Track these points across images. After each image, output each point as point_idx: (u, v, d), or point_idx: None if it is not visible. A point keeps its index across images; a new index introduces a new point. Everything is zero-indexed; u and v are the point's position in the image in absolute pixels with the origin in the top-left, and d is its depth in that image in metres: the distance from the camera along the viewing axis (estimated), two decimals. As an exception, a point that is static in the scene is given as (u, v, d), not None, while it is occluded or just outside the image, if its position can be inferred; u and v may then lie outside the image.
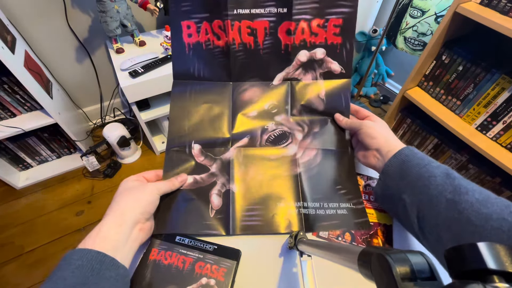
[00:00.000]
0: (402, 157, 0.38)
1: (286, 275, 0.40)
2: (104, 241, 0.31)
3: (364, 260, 0.18)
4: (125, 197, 0.36)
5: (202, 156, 0.45)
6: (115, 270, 0.30)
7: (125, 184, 0.38)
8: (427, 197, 0.33)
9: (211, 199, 0.43)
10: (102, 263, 0.29)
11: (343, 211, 0.44)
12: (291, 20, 0.44)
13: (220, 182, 0.44)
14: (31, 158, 1.27)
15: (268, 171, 0.45)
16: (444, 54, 1.00)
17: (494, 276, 0.12)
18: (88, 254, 0.29)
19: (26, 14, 1.04)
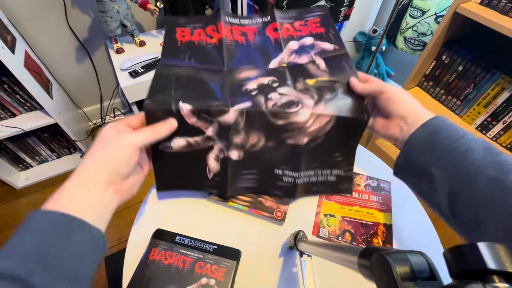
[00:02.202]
0: (433, 127, 0.33)
1: (286, 275, 0.40)
2: (70, 201, 0.27)
3: (364, 260, 0.18)
4: (93, 154, 0.30)
5: (194, 117, 0.38)
6: (85, 234, 0.26)
7: (101, 134, 0.32)
8: (462, 172, 0.29)
9: (209, 163, 0.41)
10: (68, 226, 0.25)
11: (332, 178, 0.46)
12: (275, 22, 0.48)
13: (217, 147, 0.40)
14: (31, 158, 1.27)
15: (272, 138, 0.42)
16: (444, 54, 1.00)
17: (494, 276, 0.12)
18: (51, 216, 0.25)
19: (26, 14, 1.04)
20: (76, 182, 0.28)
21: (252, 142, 0.41)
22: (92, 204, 0.28)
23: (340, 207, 0.48)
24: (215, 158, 0.41)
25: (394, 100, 0.37)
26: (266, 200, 0.47)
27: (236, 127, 0.39)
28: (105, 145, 0.31)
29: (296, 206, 0.48)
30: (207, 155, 0.41)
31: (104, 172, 0.29)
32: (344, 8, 1.28)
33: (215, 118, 0.38)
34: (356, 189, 0.50)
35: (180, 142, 0.39)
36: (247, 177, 0.44)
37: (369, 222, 0.46)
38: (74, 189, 0.28)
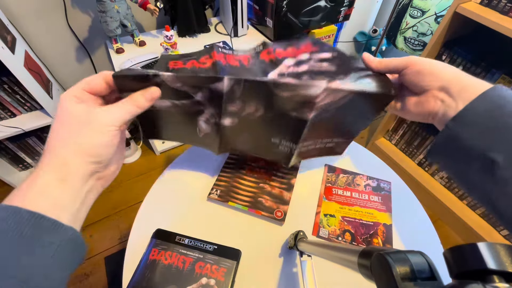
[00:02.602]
0: (495, 98, 0.26)
1: (286, 275, 0.40)
2: (41, 197, 0.22)
3: (364, 260, 0.18)
4: (65, 138, 0.24)
5: (178, 82, 0.31)
6: (58, 235, 0.22)
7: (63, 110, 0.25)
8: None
9: (199, 124, 0.37)
10: (37, 226, 0.21)
11: (331, 144, 0.44)
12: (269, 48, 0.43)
13: (208, 112, 0.36)
14: (31, 158, 1.27)
15: (273, 109, 0.36)
16: (444, 54, 1.00)
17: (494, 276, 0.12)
18: (17, 215, 0.20)
19: (26, 14, 1.04)
20: (48, 174, 0.23)
21: (249, 111, 0.37)
22: (68, 201, 0.24)
23: (340, 207, 0.48)
24: (205, 121, 0.37)
25: (426, 72, 0.30)
26: (266, 200, 0.47)
27: (231, 95, 0.34)
28: (77, 127, 0.25)
29: (296, 206, 0.48)
30: (197, 117, 0.37)
31: (84, 160, 0.24)
32: (344, 8, 1.28)
33: (206, 85, 0.33)
34: (356, 189, 0.50)
35: (164, 102, 0.34)
36: (241, 140, 0.41)
37: (369, 222, 0.46)
38: (47, 183, 0.23)
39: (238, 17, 1.13)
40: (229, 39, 1.19)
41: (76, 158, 0.24)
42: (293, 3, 1.10)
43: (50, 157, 0.24)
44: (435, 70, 0.30)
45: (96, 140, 0.25)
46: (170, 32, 1.04)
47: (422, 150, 1.23)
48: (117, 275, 0.39)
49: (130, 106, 0.28)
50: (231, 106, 0.35)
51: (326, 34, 1.31)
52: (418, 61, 0.31)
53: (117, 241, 1.07)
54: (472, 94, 0.27)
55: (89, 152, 0.25)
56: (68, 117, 0.25)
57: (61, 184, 0.23)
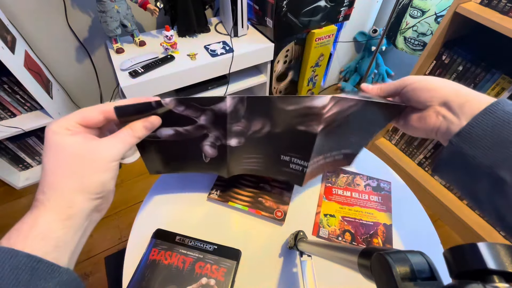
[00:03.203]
0: (499, 114, 0.25)
1: (286, 275, 0.40)
2: (43, 240, 0.22)
3: (364, 260, 0.18)
4: (67, 177, 0.23)
5: (181, 106, 0.30)
6: (53, 279, 0.21)
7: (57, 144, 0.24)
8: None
9: (204, 149, 0.36)
10: (33, 271, 0.20)
11: (339, 157, 0.43)
12: None
13: (213, 135, 0.35)
14: (31, 158, 1.27)
15: (279, 125, 0.35)
16: (444, 54, 1.00)
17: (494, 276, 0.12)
18: (13, 258, 0.20)
19: (26, 14, 1.04)
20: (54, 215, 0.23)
21: (255, 129, 0.35)
22: (70, 239, 0.23)
23: (340, 207, 0.48)
24: (211, 145, 0.36)
25: (424, 88, 0.30)
26: (266, 200, 0.47)
27: (235, 114, 0.33)
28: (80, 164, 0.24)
29: (296, 206, 0.48)
30: (201, 142, 0.35)
31: (89, 199, 0.24)
32: (344, 8, 1.28)
33: (207, 106, 0.31)
34: (356, 189, 0.50)
35: (167, 131, 0.33)
36: (249, 160, 0.39)
37: (369, 222, 0.46)
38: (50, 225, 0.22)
39: (238, 17, 1.13)
40: (229, 39, 1.19)
41: (80, 197, 0.24)
42: (293, 3, 1.10)
43: (53, 196, 0.23)
44: (433, 86, 0.30)
45: (101, 178, 0.25)
46: (170, 32, 1.04)
47: (422, 150, 1.23)
48: (117, 275, 0.39)
49: (130, 138, 0.27)
50: (236, 126, 0.34)
51: (326, 34, 1.31)
52: (415, 79, 0.32)
53: (117, 241, 1.07)
54: (474, 109, 0.27)
55: (94, 190, 0.24)
56: (65, 153, 0.24)
57: (63, 224, 0.23)
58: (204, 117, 0.32)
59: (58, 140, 0.24)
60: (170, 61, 1.07)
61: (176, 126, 0.33)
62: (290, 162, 0.40)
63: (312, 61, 1.42)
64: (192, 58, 1.09)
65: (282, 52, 1.32)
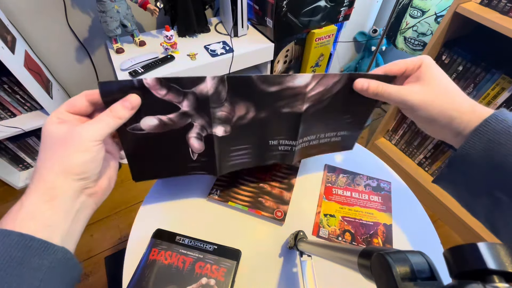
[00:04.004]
0: (490, 134, 0.25)
1: (286, 275, 0.40)
2: (31, 219, 0.22)
3: (364, 260, 0.18)
4: (49, 160, 0.24)
5: (163, 88, 0.29)
6: (48, 257, 0.22)
7: (49, 132, 0.25)
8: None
9: (190, 143, 0.35)
10: (26, 248, 0.21)
11: (337, 139, 0.41)
12: None
13: (198, 124, 0.34)
14: (31, 158, 1.27)
15: (264, 108, 0.35)
16: (444, 54, 1.00)
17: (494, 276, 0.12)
18: (7, 239, 0.21)
19: (26, 14, 1.04)
20: (34, 197, 0.23)
21: (240, 114, 0.35)
22: (60, 219, 0.24)
23: (340, 207, 0.48)
24: (197, 137, 0.35)
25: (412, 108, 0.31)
26: (266, 200, 0.47)
27: (217, 97, 0.32)
28: (58, 146, 0.24)
29: (296, 206, 0.48)
30: (187, 134, 0.34)
31: (68, 179, 0.24)
32: (344, 8, 1.28)
33: (189, 89, 0.31)
34: (356, 189, 0.50)
35: (151, 121, 0.32)
36: (238, 153, 0.38)
37: (369, 222, 0.46)
38: (35, 204, 0.23)
39: (238, 17, 1.13)
40: (229, 39, 1.19)
41: (61, 178, 0.24)
42: (293, 3, 1.10)
43: (37, 180, 0.24)
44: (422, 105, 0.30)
45: (80, 158, 0.25)
46: (170, 32, 1.04)
47: (422, 150, 1.23)
48: (117, 275, 0.39)
49: (110, 118, 0.27)
50: (219, 111, 0.33)
51: (326, 34, 1.31)
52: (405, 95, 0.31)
53: (117, 241, 1.07)
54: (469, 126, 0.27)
55: (74, 171, 0.25)
56: (51, 139, 0.25)
57: (49, 204, 0.23)
58: (186, 102, 0.32)
59: (48, 129, 0.25)
60: (170, 61, 1.07)
61: (160, 115, 0.32)
62: (279, 145, 0.40)
63: (312, 61, 1.42)
64: (192, 58, 1.09)
65: (282, 52, 1.32)
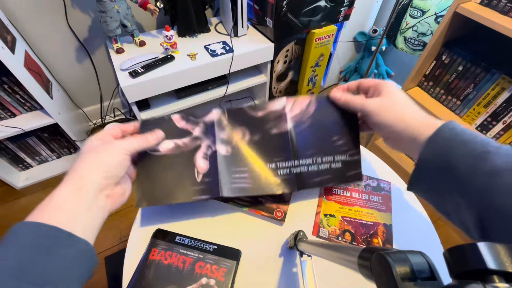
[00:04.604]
0: (441, 142, 0.28)
1: (286, 275, 0.40)
2: (58, 211, 0.26)
3: (364, 260, 0.18)
4: (84, 159, 0.30)
5: (182, 120, 0.41)
6: (72, 247, 0.25)
7: (87, 145, 0.32)
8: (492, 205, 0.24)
9: (197, 163, 0.40)
10: (54, 238, 0.24)
11: (337, 165, 0.43)
12: None
13: (205, 145, 0.41)
14: (31, 158, 1.27)
15: (256, 131, 0.42)
16: (444, 54, 1.00)
17: (494, 276, 0.12)
18: (37, 229, 0.24)
19: (26, 14, 1.04)
20: (66, 186, 0.27)
21: (238, 138, 0.42)
22: (82, 213, 0.27)
23: (340, 207, 0.48)
24: (203, 157, 0.41)
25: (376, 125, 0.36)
26: (266, 200, 0.47)
27: (220, 123, 0.41)
28: (95, 151, 0.31)
29: (296, 206, 0.48)
30: (195, 155, 0.40)
31: (96, 173, 0.29)
32: (344, 8, 1.28)
33: (200, 119, 0.41)
34: (356, 189, 0.50)
35: (168, 144, 0.40)
36: (240, 175, 0.41)
37: (369, 222, 0.46)
38: (64, 197, 0.27)
39: (238, 17, 1.13)
40: (229, 39, 1.19)
41: (91, 171, 0.29)
42: (293, 3, 1.10)
43: (70, 173, 0.29)
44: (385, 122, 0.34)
45: (109, 158, 0.31)
46: (170, 32, 1.04)
47: (422, 150, 1.23)
48: (117, 275, 0.39)
49: (141, 140, 0.36)
50: (222, 133, 0.41)
51: (326, 34, 1.32)
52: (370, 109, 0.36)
53: (117, 241, 1.07)
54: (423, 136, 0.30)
55: (103, 168, 0.30)
56: (89, 148, 0.31)
57: (76, 195, 0.27)
58: (198, 129, 0.41)
59: (89, 142, 0.32)
60: (170, 61, 1.07)
61: (176, 139, 0.41)
62: (277, 168, 0.42)
63: (312, 61, 1.42)
64: (192, 58, 1.09)
65: (282, 52, 1.32)
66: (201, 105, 1.29)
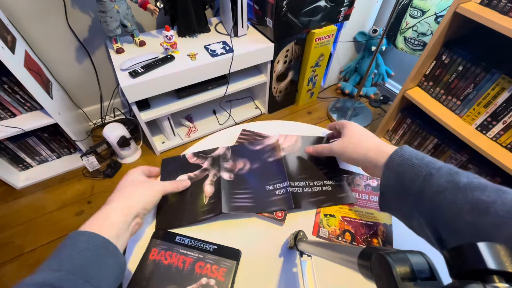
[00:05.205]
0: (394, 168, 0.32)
1: (286, 275, 0.40)
2: (111, 227, 0.32)
3: (364, 260, 0.18)
4: (134, 189, 0.38)
5: (194, 157, 0.52)
6: (115, 258, 0.31)
7: (133, 176, 0.40)
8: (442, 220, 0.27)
9: (205, 189, 0.48)
10: (106, 249, 0.30)
11: (328, 188, 0.49)
12: None
13: (211, 174, 0.50)
14: (31, 158, 1.27)
15: (255, 161, 0.52)
16: (444, 54, 1.00)
17: (494, 276, 0.12)
18: (96, 238, 0.29)
19: (26, 14, 1.04)
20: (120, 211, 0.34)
21: (239, 167, 0.51)
22: (123, 232, 0.33)
23: (340, 207, 0.48)
24: (209, 183, 0.48)
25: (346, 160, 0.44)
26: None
27: (225, 157, 0.52)
28: (141, 185, 0.39)
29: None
30: (204, 183, 0.48)
31: (140, 204, 0.37)
32: (344, 8, 1.28)
33: (209, 155, 0.53)
34: (356, 189, 0.50)
35: (183, 177, 0.49)
36: (241, 196, 0.47)
37: (369, 222, 0.46)
38: (116, 218, 0.33)
39: (238, 17, 1.13)
40: (229, 39, 1.19)
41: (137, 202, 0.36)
42: (293, 3, 1.10)
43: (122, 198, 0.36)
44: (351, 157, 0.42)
45: (153, 195, 0.39)
46: (170, 32, 1.04)
47: (422, 150, 1.23)
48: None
49: (175, 185, 0.45)
50: (226, 164, 0.51)
51: (326, 34, 1.32)
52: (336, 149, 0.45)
53: (117, 241, 1.07)
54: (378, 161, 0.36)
55: (146, 200, 0.38)
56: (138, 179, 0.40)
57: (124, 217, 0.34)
58: (207, 162, 0.52)
59: (135, 175, 0.41)
60: (170, 61, 1.07)
61: (189, 172, 0.50)
62: (274, 189, 0.48)
63: (312, 61, 1.42)
64: (192, 58, 1.09)
65: (282, 52, 1.32)
66: (201, 105, 1.29)
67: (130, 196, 0.37)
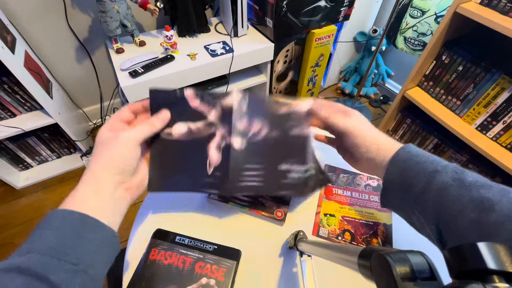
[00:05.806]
0: (400, 163, 0.31)
1: (286, 275, 0.40)
2: (82, 204, 0.28)
3: (364, 260, 0.18)
4: (96, 157, 0.31)
5: (196, 99, 0.37)
6: (99, 232, 0.27)
7: (98, 137, 0.32)
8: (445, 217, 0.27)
9: (210, 154, 0.38)
10: (84, 224, 0.27)
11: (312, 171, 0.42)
12: None
13: (219, 134, 0.38)
14: (31, 158, 1.27)
15: (275, 128, 0.39)
16: (444, 54, 1.00)
17: (494, 276, 0.12)
18: (70, 215, 0.27)
19: (26, 14, 1.04)
20: (84, 187, 0.29)
21: (255, 131, 0.39)
22: (103, 206, 0.29)
23: (340, 206, 0.48)
24: (216, 148, 0.38)
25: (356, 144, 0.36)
26: (266, 200, 0.47)
27: (240, 110, 0.38)
28: (105, 147, 0.31)
29: (296, 206, 0.48)
30: (208, 144, 0.38)
31: (110, 173, 0.30)
32: (344, 8, 1.28)
33: (218, 100, 0.37)
34: (356, 189, 0.50)
35: (181, 128, 0.37)
36: (250, 173, 0.39)
37: (369, 222, 0.46)
38: (84, 193, 0.29)
39: (238, 17, 1.13)
40: (229, 39, 1.19)
41: (104, 172, 0.30)
42: (293, 3, 1.10)
43: (86, 171, 0.30)
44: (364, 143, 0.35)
45: (118, 154, 0.31)
46: (170, 32, 1.04)
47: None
48: (117, 275, 0.39)
49: (146, 126, 0.34)
50: (239, 122, 0.38)
51: (326, 34, 1.32)
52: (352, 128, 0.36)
53: (117, 241, 1.07)
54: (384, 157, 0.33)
55: (114, 164, 0.31)
56: (101, 142, 0.32)
57: (95, 194, 0.29)
58: (213, 113, 0.38)
59: (101, 135, 0.32)
60: (170, 61, 1.07)
61: (190, 122, 0.37)
62: (287, 172, 0.40)
63: (312, 61, 1.42)
64: (192, 58, 1.09)
65: (282, 52, 1.32)
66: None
67: (93, 167, 0.30)
